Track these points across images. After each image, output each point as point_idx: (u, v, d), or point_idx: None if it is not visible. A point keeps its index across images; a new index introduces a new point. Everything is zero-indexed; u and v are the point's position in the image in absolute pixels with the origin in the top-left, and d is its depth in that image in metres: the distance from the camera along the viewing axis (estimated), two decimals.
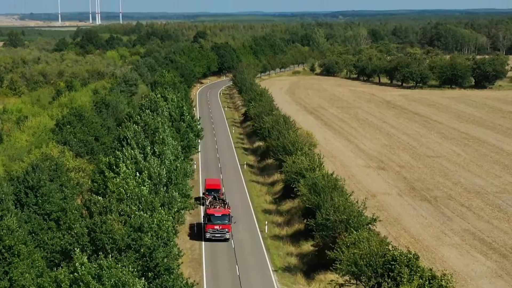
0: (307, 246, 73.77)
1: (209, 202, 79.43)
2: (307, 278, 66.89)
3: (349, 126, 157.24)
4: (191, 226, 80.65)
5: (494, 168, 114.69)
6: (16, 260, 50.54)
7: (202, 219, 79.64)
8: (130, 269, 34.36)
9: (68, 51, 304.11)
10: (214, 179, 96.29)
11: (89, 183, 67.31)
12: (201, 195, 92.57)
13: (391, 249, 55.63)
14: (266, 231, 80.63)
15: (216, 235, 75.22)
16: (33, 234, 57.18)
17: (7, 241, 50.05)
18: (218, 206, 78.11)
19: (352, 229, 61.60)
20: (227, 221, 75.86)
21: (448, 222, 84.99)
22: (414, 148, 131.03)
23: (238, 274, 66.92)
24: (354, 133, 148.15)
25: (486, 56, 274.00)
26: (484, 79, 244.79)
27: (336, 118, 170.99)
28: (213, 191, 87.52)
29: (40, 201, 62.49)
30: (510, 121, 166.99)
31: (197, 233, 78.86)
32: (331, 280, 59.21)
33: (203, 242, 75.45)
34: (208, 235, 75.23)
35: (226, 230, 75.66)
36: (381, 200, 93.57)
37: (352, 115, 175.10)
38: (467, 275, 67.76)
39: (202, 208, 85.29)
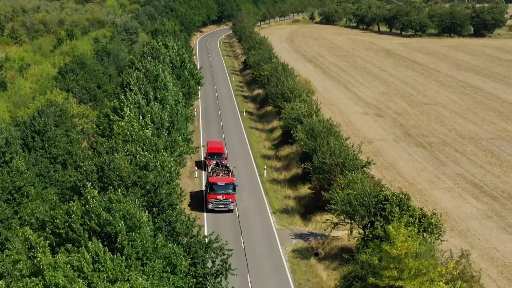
0: (304, 189, 76.26)
1: (212, 169, 73.28)
2: (304, 219, 69.63)
3: (348, 74, 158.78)
4: (191, 195, 76.14)
5: (489, 115, 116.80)
6: (25, 201, 53.07)
7: (204, 188, 74.28)
8: (137, 202, 36.80)
9: (67, 0, 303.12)
10: (216, 141, 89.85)
11: (94, 127, 69.43)
12: (202, 159, 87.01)
13: (383, 190, 58.05)
14: (265, 176, 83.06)
15: (219, 205, 69.39)
16: (40, 177, 59.55)
17: (17, 182, 52.49)
18: (221, 174, 71.78)
19: (347, 171, 63.97)
20: (231, 191, 69.71)
21: (442, 166, 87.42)
22: (411, 96, 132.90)
23: (237, 215, 69.47)
24: (353, 81, 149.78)
25: (486, 5, 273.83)
26: (483, 27, 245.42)
27: (335, 66, 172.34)
28: (215, 155, 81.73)
29: (46, 145, 64.74)
30: (507, 69, 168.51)
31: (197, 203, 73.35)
32: (326, 219, 61.70)
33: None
34: (210, 206, 69.52)
35: (230, 200, 69.50)
36: (377, 146, 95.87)
37: (351, 64, 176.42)
38: (458, 217, 70.38)
39: (203, 173, 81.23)
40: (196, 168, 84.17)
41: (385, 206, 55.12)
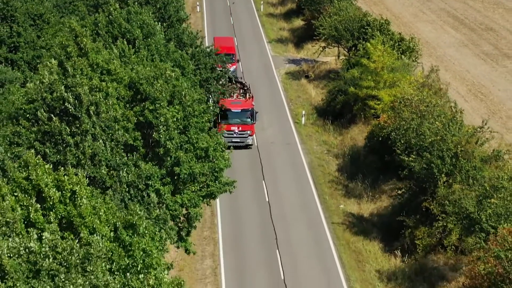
0: (298, 22, 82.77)
1: None
2: (297, 47, 76.73)
3: None
4: None
5: None
6: (46, 27, 59.62)
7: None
8: (151, 15, 43.42)
9: None
10: (225, 37, 71.56)
11: None
12: None
13: (366, 16, 64.65)
14: (261, 10, 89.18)
15: (234, 140, 51.47)
16: (57, 7, 65.64)
17: (41, 9, 58.82)
18: (235, 95, 54.51)
19: (335, 1, 70.20)
20: (249, 120, 52.57)
21: (428, 2, 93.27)
22: None
23: (236, 44, 75.94)
24: None
25: None
26: None
27: None
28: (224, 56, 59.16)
29: None
30: None
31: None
32: (315, 43, 68.65)
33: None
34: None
35: (248, 132, 52.62)
36: None
37: None
38: (437, 45, 77.16)
39: None
40: (198, 3, 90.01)
41: (367, 31, 61.87)
